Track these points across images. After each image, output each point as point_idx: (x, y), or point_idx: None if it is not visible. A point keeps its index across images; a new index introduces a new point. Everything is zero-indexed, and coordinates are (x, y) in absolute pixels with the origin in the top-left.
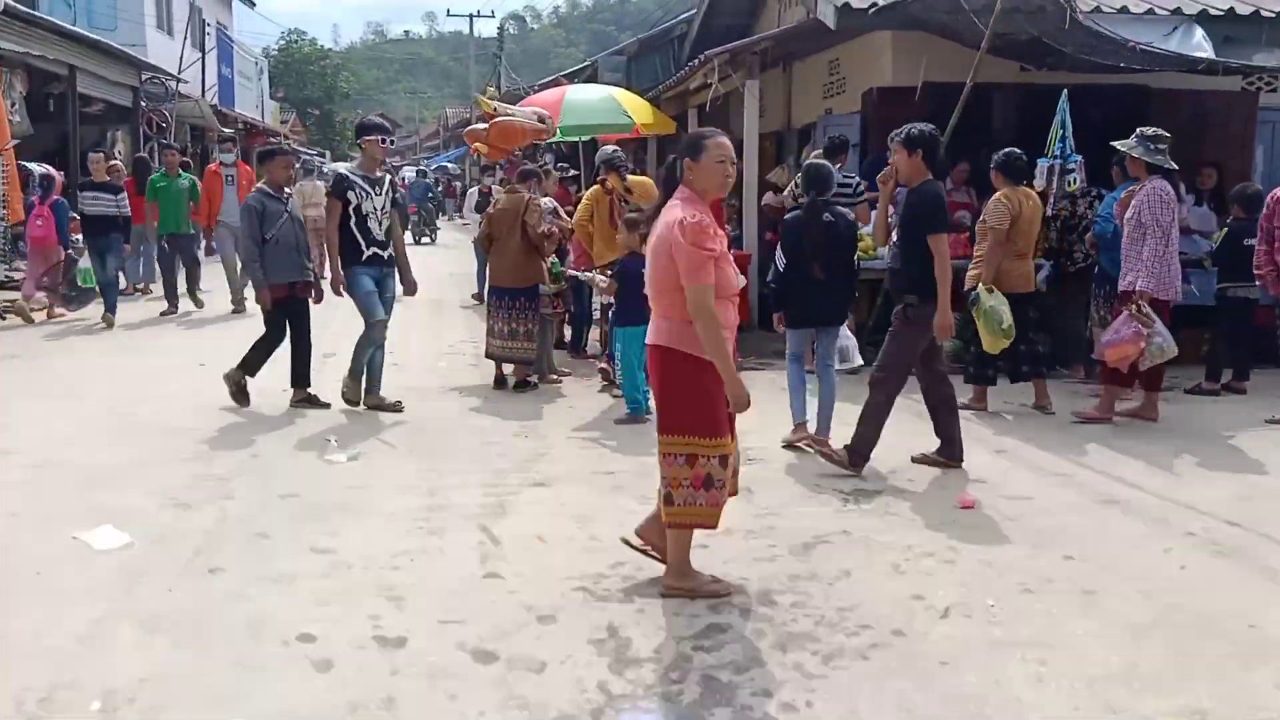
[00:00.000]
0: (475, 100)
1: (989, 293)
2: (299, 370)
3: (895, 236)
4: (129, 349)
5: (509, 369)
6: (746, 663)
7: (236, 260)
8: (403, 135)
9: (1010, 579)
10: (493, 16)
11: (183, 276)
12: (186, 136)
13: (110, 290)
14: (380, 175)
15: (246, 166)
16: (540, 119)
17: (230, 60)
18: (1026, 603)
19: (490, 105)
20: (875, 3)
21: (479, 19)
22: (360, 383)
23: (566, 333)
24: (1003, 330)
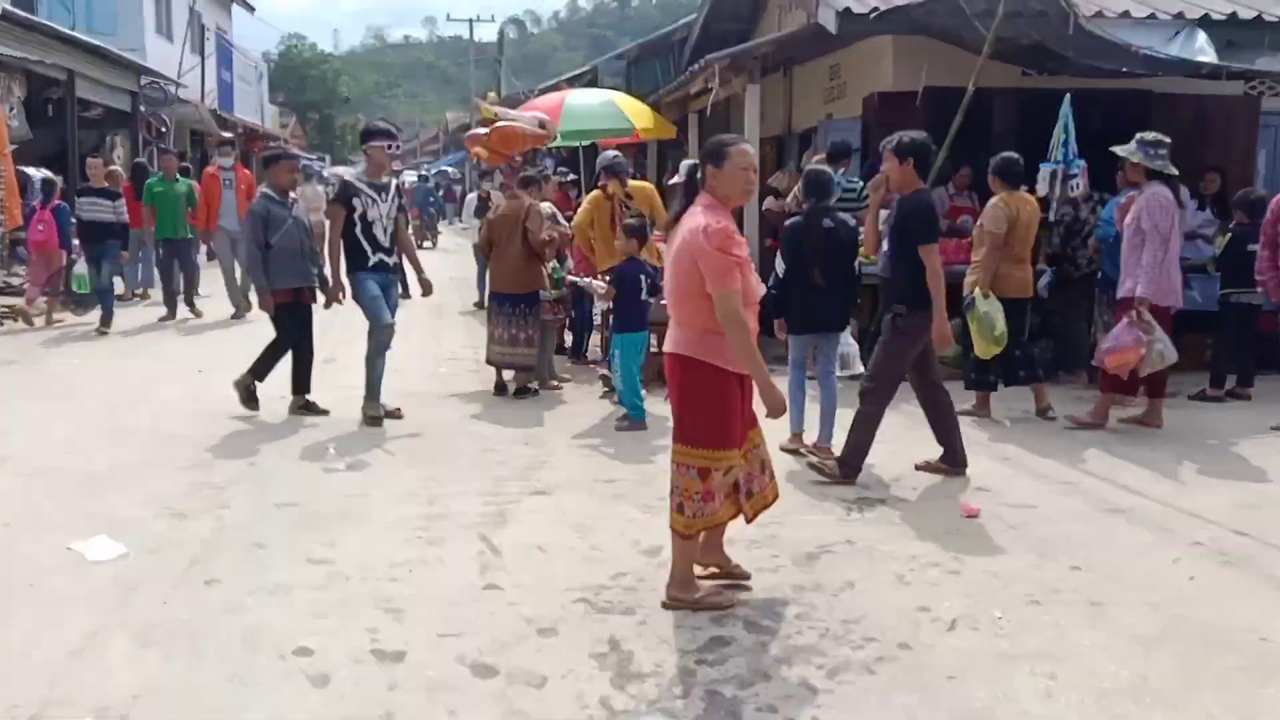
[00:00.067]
0: (476, 105)
1: (984, 298)
2: (299, 377)
3: (886, 245)
4: (127, 354)
5: (509, 375)
6: (751, 677)
7: (234, 265)
8: (403, 140)
9: (1016, 590)
10: (493, 21)
11: (181, 282)
12: (186, 141)
13: (106, 298)
14: (386, 181)
15: (245, 170)
16: (541, 124)
17: (230, 65)
18: (1034, 614)
19: (491, 110)
20: (876, 7)
21: (479, 23)
22: (378, 400)
23: (567, 338)
24: (994, 337)
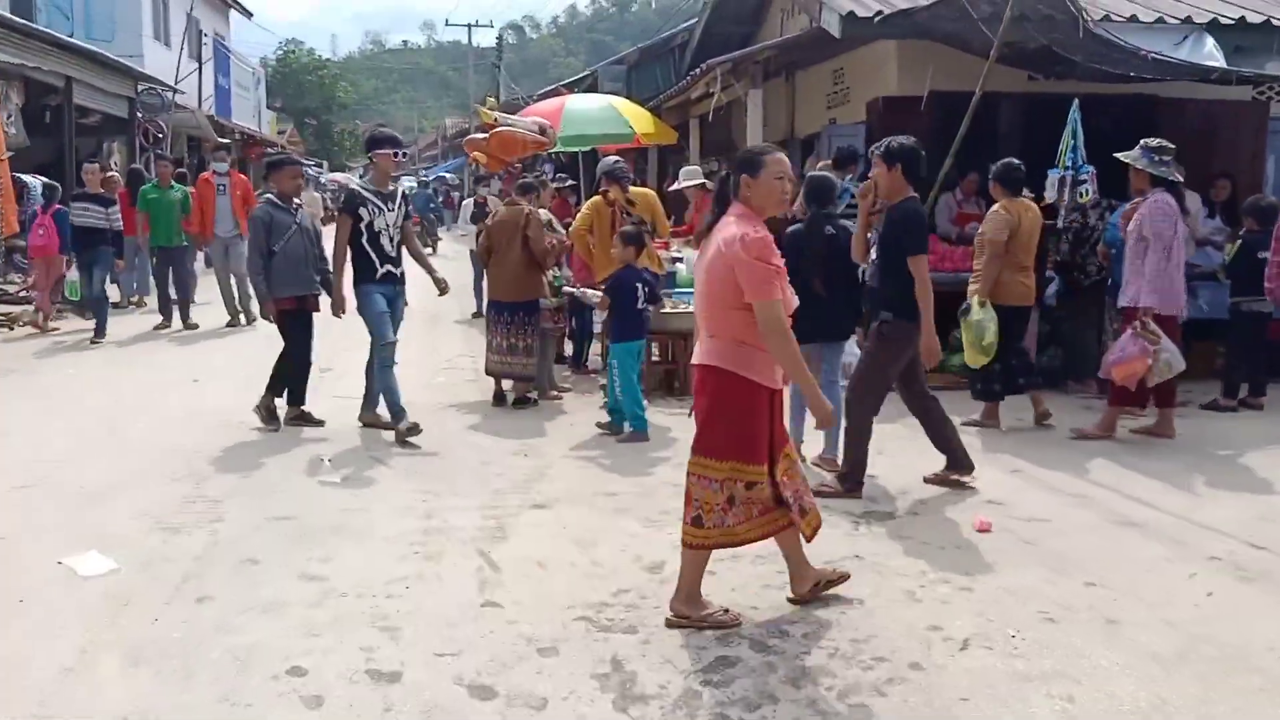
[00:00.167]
0: (475, 110)
1: (980, 307)
2: (293, 388)
3: (874, 254)
4: (122, 364)
5: (508, 385)
6: (758, 699)
7: (229, 273)
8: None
9: (1031, 607)
10: (491, 26)
11: (175, 292)
12: (183, 147)
13: (100, 307)
14: (392, 189)
15: (240, 176)
16: (541, 130)
17: (227, 70)
18: (1049, 633)
19: (491, 115)
20: (880, 11)
21: (478, 29)
22: (404, 414)
23: (567, 348)
24: (982, 346)
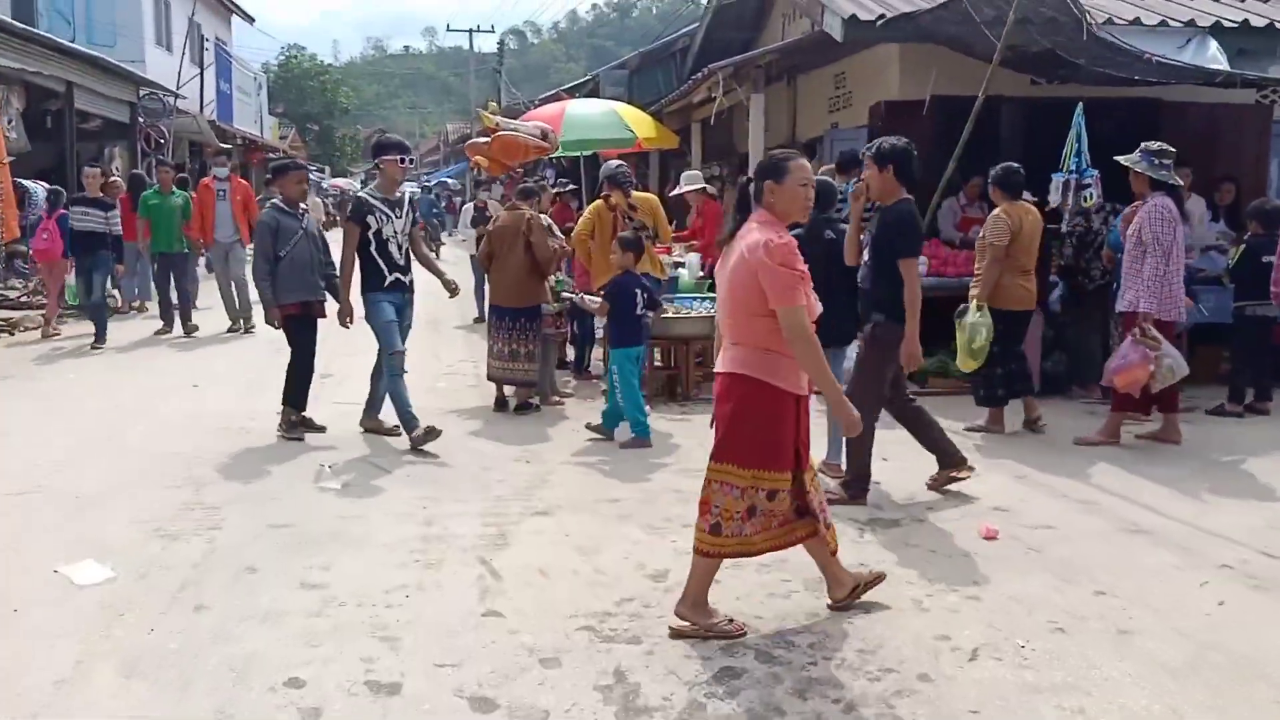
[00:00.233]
0: (477, 115)
1: (977, 310)
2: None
3: (867, 255)
4: (122, 369)
5: (510, 391)
6: (764, 711)
7: (229, 278)
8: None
9: (1040, 616)
10: (493, 31)
11: (176, 298)
12: (185, 152)
13: (100, 313)
14: (399, 196)
15: (241, 181)
16: (543, 134)
17: (229, 76)
18: (1059, 643)
19: (492, 119)
20: (883, 15)
21: (479, 34)
22: (416, 423)
23: (569, 353)
24: (972, 350)
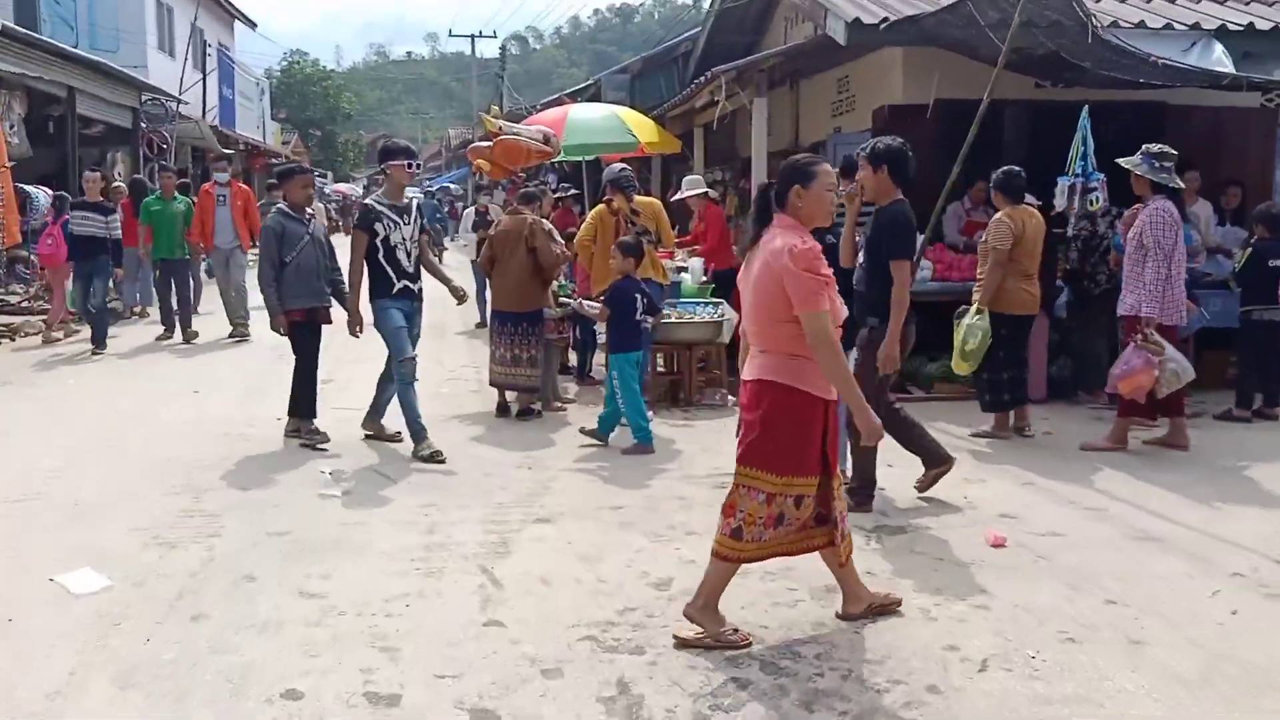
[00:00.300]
0: (479, 119)
1: (975, 313)
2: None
3: (862, 257)
4: (122, 375)
5: (512, 396)
6: None
7: (230, 285)
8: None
9: (1050, 626)
10: (495, 37)
11: (177, 304)
12: (187, 158)
13: (100, 318)
14: (407, 202)
15: (241, 186)
16: (545, 139)
17: (231, 81)
18: (1070, 654)
19: (495, 123)
20: (887, 18)
21: (481, 39)
22: (425, 438)
23: (571, 358)
24: (964, 353)
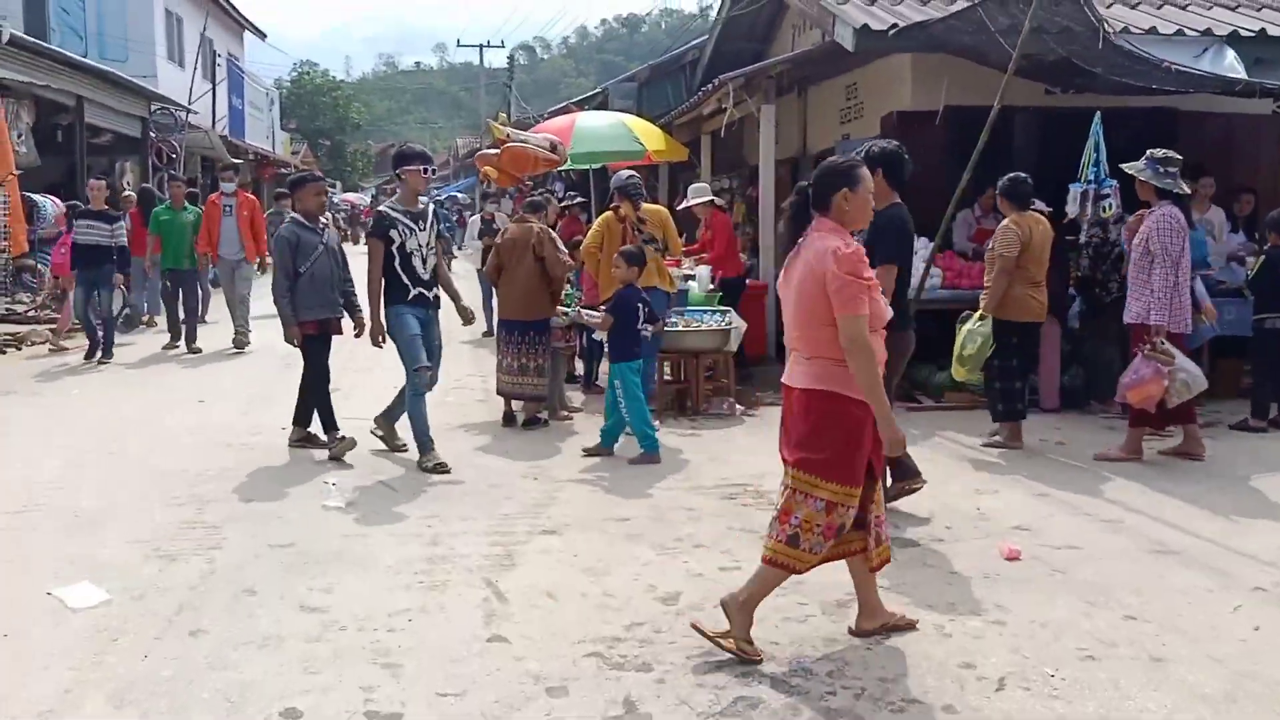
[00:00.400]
0: (487, 126)
1: (978, 320)
2: (303, 409)
3: None
4: (127, 384)
5: (518, 405)
6: None
7: (233, 296)
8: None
9: (1068, 642)
10: (503, 47)
11: (183, 314)
12: (197, 167)
13: (107, 328)
14: (422, 208)
15: (248, 196)
16: (552, 147)
17: (241, 91)
18: (1089, 671)
19: (502, 130)
20: (895, 24)
21: (489, 49)
22: (431, 450)
23: (578, 367)
24: (960, 358)
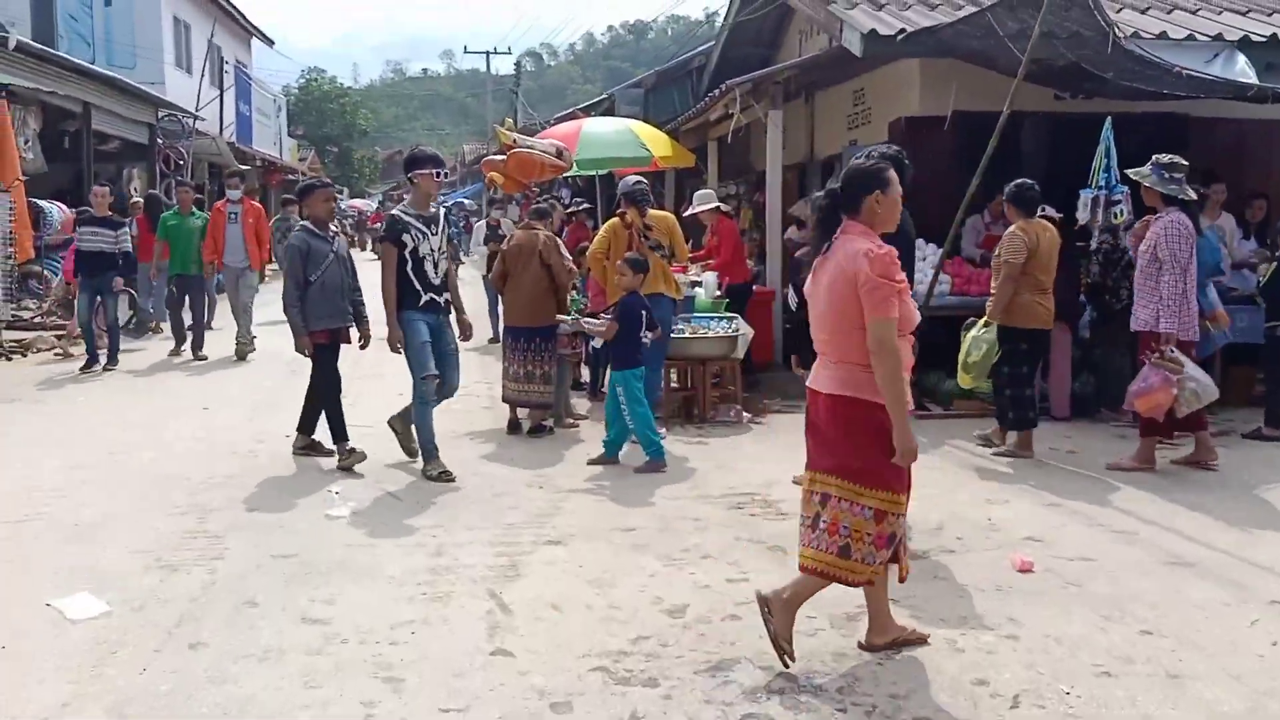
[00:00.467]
0: (495, 131)
1: (982, 326)
2: (308, 416)
3: None
4: (132, 391)
5: (524, 413)
6: None
7: (237, 304)
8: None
9: (1083, 658)
10: (510, 54)
11: (190, 320)
12: (204, 174)
13: (113, 334)
14: (434, 212)
15: (254, 204)
16: (558, 153)
17: (249, 98)
18: (1106, 689)
19: (509, 136)
20: (904, 29)
21: (496, 56)
22: (432, 456)
23: (583, 373)
24: (964, 364)
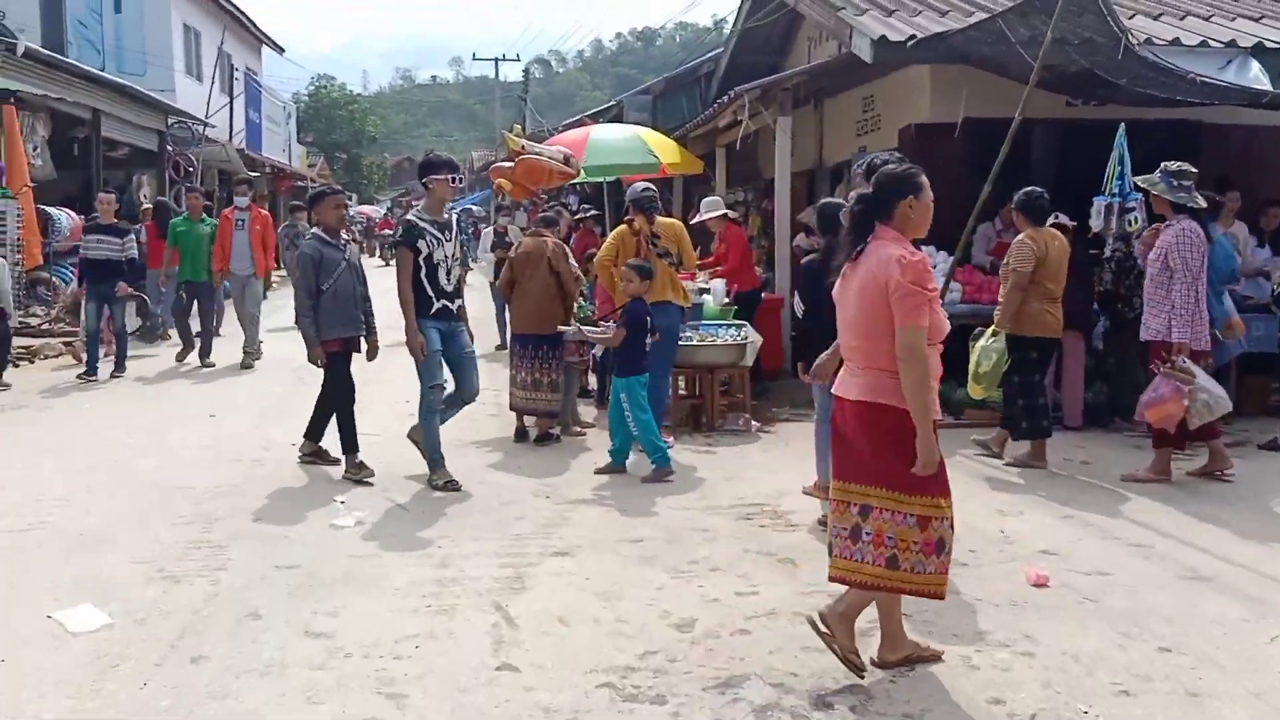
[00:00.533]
0: (503, 137)
1: (991, 336)
2: (316, 423)
3: None
4: (138, 398)
5: (530, 421)
6: None
7: (243, 311)
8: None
9: (1101, 676)
10: (518, 60)
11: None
12: (214, 180)
13: (120, 341)
14: (448, 218)
15: (261, 211)
16: (565, 159)
17: (258, 105)
18: (1125, 708)
19: (518, 143)
20: (914, 35)
21: (504, 63)
22: (442, 466)
23: (590, 381)
24: (975, 375)
